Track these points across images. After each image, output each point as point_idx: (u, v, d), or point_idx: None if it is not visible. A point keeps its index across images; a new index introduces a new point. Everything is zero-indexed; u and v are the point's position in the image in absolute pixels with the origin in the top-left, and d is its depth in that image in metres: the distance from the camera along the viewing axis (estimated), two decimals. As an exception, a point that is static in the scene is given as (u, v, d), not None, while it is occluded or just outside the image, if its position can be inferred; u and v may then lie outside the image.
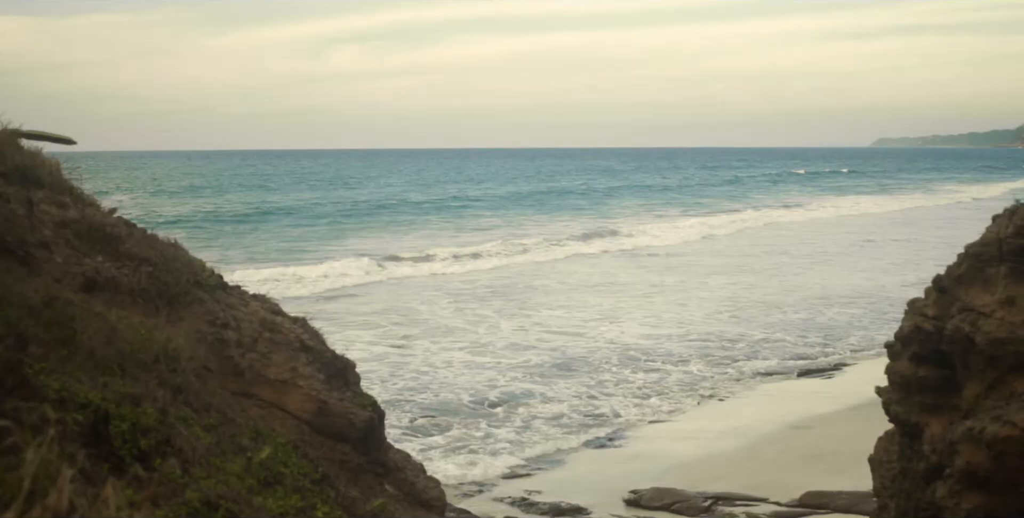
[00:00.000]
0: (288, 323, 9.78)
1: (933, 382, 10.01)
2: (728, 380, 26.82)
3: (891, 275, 45.10)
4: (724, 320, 35.08)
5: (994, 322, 8.72)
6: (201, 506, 4.62)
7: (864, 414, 19.08)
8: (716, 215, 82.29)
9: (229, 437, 6.69)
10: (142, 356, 7.05)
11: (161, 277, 8.71)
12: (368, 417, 9.48)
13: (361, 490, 8.14)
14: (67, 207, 9.07)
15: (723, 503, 17.80)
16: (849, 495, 17.37)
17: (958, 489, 8.61)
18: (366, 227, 71.76)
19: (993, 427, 8.20)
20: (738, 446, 20.92)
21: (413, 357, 29.02)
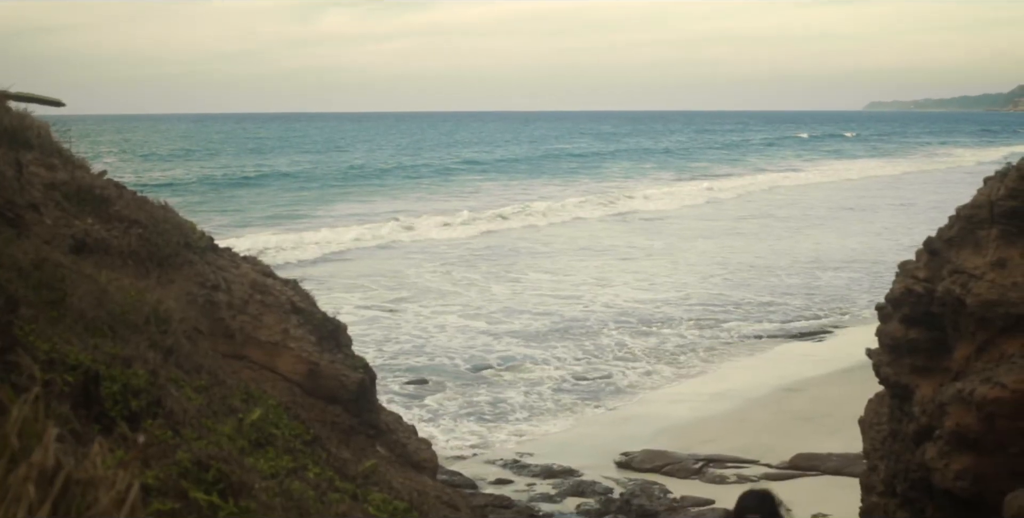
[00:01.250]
0: (279, 285, 9.77)
1: (924, 344, 10.03)
2: (720, 343, 26.88)
3: (884, 239, 45.13)
4: (717, 284, 35.14)
5: (985, 284, 8.73)
6: (192, 466, 4.61)
7: (855, 377, 19.14)
8: (717, 179, 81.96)
9: (220, 399, 6.68)
10: (132, 318, 7.03)
11: (151, 239, 8.68)
12: (359, 379, 9.48)
13: (352, 451, 8.15)
14: (56, 169, 9.03)
15: (714, 465, 17.89)
16: (839, 457, 17.46)
17: (948, 450, 8.64)
18: (355, 192, 71.47)
19: (983, 389, 8.22)
20: (729, 409, 21.01)
21: (405, 321, 29.05)
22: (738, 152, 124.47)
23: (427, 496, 7.65)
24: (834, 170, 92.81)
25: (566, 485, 17.11)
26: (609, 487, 17.08)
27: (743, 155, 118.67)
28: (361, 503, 5.83)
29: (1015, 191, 8.87)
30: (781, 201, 66.38)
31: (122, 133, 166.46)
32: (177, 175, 78.56)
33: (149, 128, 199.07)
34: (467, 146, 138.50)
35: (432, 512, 6.68)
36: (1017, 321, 8.55)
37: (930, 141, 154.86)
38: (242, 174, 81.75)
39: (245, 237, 42.08)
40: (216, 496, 4.40)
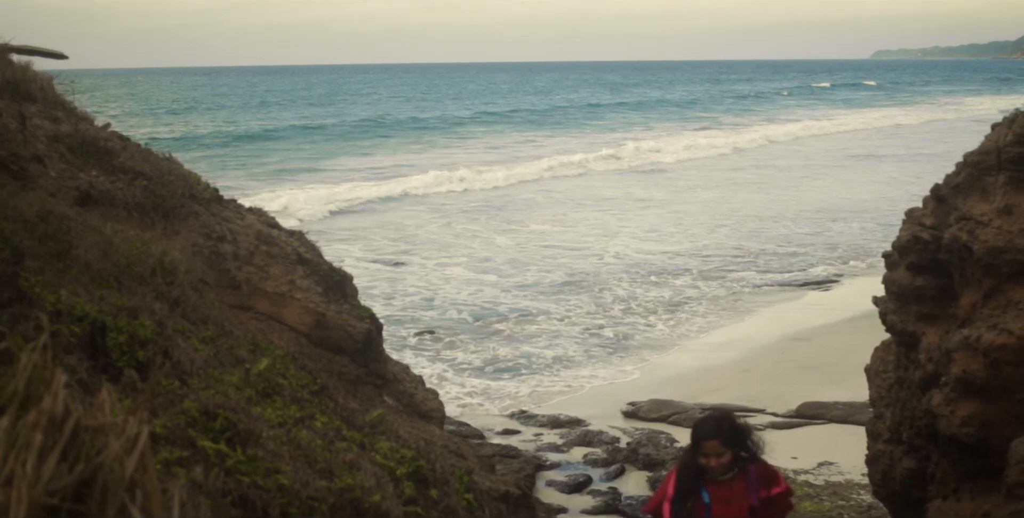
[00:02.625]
0: (284, 236, 9.77)
1: (930, 291, 10.01)
2: (728, 293, 26.89)
3: (894, 188, 44.99)
4: (725, 234, 35.13)
5: (992, 231, 8.69)
6: (199, 415, 4.63)
7: (862, 326, 19.18)
8: (733, 130, 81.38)
9: (227, 349, 6.70)
10: (138, 269, 7.04)
11: (156, 191, 8.67)
12: (366, 329, 9.50)
13: (360, 401, 8.18)
14: (60, 121, 9.01)
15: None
16: (845, 406, 17.51)
17: (954, 397, 8.65)
18: (357, 145, 71.23)
19: (989, 335, 8.21)
20: (735, 358, 21.05)
21: (411, 274, 29.08)
22: (754, 102, 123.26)
23: (434, 445, 7.68)
24: (864, 119, 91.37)
25: (573, 435, 17.19)
26: (616, 437, 17.15)
27: (758, 104, 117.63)
28: (368, 452, 5.85)
29: (1023, 137, 8.82)
30: (798, 151, 66.02)
31: (127, 87, 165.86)
32: (174, 131, 78.22)
33: (152, 82, 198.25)
34: (474, 97, 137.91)
35: (439, 461, 6.71)
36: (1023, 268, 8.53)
37: (947, 89, 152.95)
38: (246, 130, 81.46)
39: (249, 192, 42.05)
40: (224, 444, 4.42)
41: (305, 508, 4.44)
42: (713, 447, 6.84)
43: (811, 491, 14.83)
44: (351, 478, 4.98)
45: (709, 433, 6.91)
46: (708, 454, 6.84)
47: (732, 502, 6.92)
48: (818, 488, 14.96)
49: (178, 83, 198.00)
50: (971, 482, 8.97)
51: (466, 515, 6.33)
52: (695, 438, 7.02)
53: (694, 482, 6.93)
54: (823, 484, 15.12)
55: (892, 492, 11.37)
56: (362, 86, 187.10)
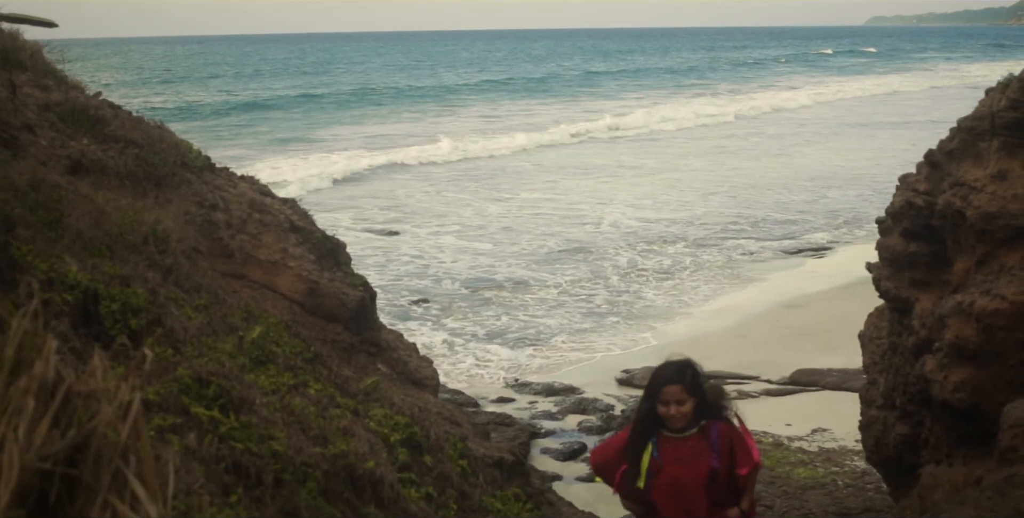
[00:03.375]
0: (277, 204, 9.74)
1: (923, 257, 10.02)
2: (722, 260, 26.89)
3: (891, 155, 44.93)
4: (719, 201, 35.12)
5: (985, 196, 8.69)
6: (192, 383, 4.63)
7: (856, 293, 19.19)
8: (732, 98, 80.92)
9: (220, 317, 6.69)
10: (131, 238, 7.02)
11: (148, 159, 8.63)
12: (359, 297, 9.50)
13: (354, 369, 8.19)
14: (50, 90, 8.96)
15: (715, 381, 17.98)
16: (839, 372, 17.57)
17: (947, 362, 8.67)
18: (350, 115, 70.90)
19: (982, 301, 8.23)
20: (730, 325, 21.08)
21: (404, 242, 29.07)
22: (751, 69, 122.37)
23: (428, 412, 7.69)
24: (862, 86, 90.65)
25: (567, 403, 17.24)
26: (610, 404, 17.20)
27: (754, 72, 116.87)
28: (362, 418, 5.86)
29: (1016, 102, 8.80)
30: (793, 119, 65.79)
31: (120, 56, 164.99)
32: (167, 101, 77.76)
33: (145, 51, 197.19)
34: (468, 65, 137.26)
35: (433, 427, 6.72)
36: (1017, 233, 8.53)
37: (944, 56, 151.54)
38: (241, 99, 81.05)
39: (244, 162, 41.85)
40: (217, 411, 4.43)
41: (299, 474, 4.45)
42: (674, 393, 6.18)
43: (805, 457, 14.90)
44: (345, 445, 4.98)
45: (670, 377, 6.24)
46: (668, 401, 6.17)
47: (684, 462, 6.24)
48: (812, 454, 15.03)
49: (171, 52, 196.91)
50: (964, 447, 9.01)
51: (460, 481, 6.34)
52: (654, 383, 6.36)
53: (649, 435, 6.32)
54: (817, 450, 15.19)
55: (885, 458, 11.43)
56: (355, 54, 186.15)
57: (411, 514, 5.13)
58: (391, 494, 4.97)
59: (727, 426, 6.40)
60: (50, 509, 2.20)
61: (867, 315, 12.78)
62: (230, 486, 4.02)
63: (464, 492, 6.27)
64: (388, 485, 4.98)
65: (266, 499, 4.15)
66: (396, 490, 5.06)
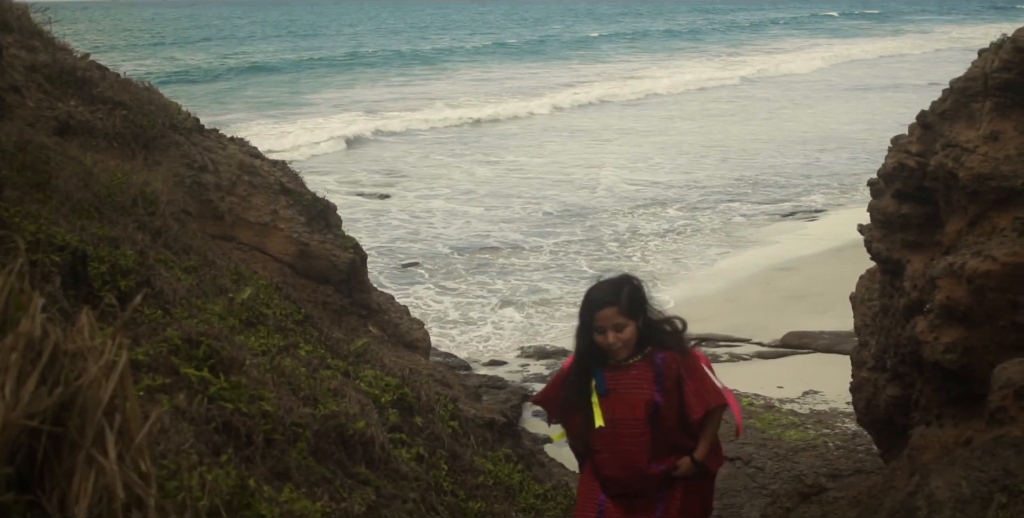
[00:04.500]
0: (267, 166, 9.70)
1: (915, 219, 10.00)
2: (717, 223, 26.87)
3: (888, 118, 44.84)
4: (711, 165, 35.05)
5: (977, 158, 8.66)
6: (182, 343, 4.62)
7: (847, 256, 19.18)
8: (726, 61, 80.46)
9: (210, 279, 6.68)
10: (119, 200, 6.99)
11: (136, 120, 8.58)
12: (350, 259, 9.48)
13: (344, 331, 8.19)
14: (37, 51, 8.89)
15: (706, 344, 18.01)
16: (831, 335, 17.59)
17: (938, 324, 8.67)
18: (340, 79, 70.48)
19: (974, 262, 8.21)
20: (721, 288, 21.09)
21: (393, 205, 29.00)
22: (746, 32, 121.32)
23: (419, 374, 7.70)
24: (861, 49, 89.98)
25: (559, 365, 17.21)
26: (603, 366, 17.21)
27: (749, 35, 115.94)
28: (352, 379, 5.86)
29: (1009, 63, 8.75)
30: (788, 82, 65.53)
31: (110, 20, 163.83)
32: (157, 65, 77.21)
33: (135, 15, 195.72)
34: (459, 28, 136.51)
35: (424, 389, 6.72)
36: (1009, 194, 8.50)
37: (944, 19, 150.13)
38: (235, 63, 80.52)
39: (230, 127, 41.52)
40: (207, 371, 4.42)
41: (289, 434, 4.45)
42: (609, 317, 5.16)
43: (796, 420, 14.94)
44: (335, 405, 4.98)
45: (603, 299, 5.20)
46: (604, 328, 5.18)
47: (621, 394, 5.31)
48: (803, 417, 15.07)
49: (161, 15, 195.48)
50: (954, 408, 9.02)
51: (451, 442, 6.36)
52: (585, 309, 5.29)
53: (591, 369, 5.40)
54: (808, 413, 15.23)
55: (876, 419, 11.45)
56: (347, 17, 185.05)
57: (402, 474, 5.13)
58: (382, 454, 4.97)
59: (678, 356, 5.35)
60: (38, 466, 2.19)
61: (858, 277, 12.78)
62: (220, 446, 4.01)
63: (455, 452, 6.29)
64: (379, 445, 4.98)
65: (256, 459, 4.15)
66: (387, 450, 5.07)
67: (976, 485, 6.10)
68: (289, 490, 3.82)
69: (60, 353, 2.31)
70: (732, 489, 13.38)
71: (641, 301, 5.37)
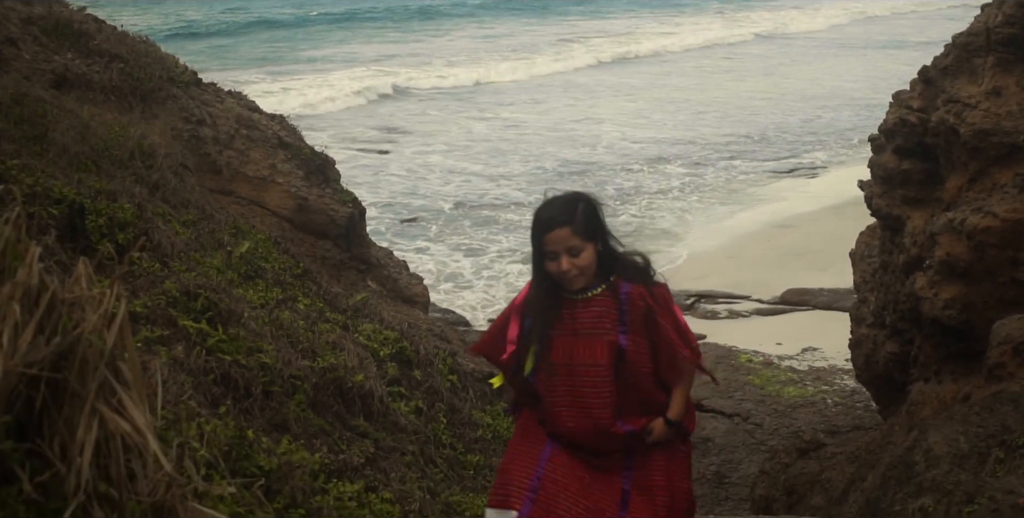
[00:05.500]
0: (265, 120, 9.66)
1: (916, 175, 9.97)
2: (718, 180, 26.80)
3: (882, 77, 44.63)
4: (710, 122, 34.90)
5: (979, 113, 8.61)
6: (180, 296, 4.61)
7: (847, 213, 19.17)
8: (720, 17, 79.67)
9: (208, 233, 6.66)
10: (117, 153, 6.96)
11: (133, 74, 8.53)
12: (349, 213, 9.45)
13: (343, 286, 8.18)
14: (33, 3, 8.82)
15: (705, 301, 18.03)
16: (830, 292, 17.60)
17: (937, 280, 8.66)
18: (334, 35, 69.87)
19: (974, 218, 8.19)
20: (721, 245, 21.07)
21: (392, 161, 28.90)
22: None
23: (418, 328, 7.69)
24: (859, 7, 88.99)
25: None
26: (602, 323, 17.21)
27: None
28: (351, 333, 5.86)
29: (1012, 18, 8.68)
30: (786, 40, 65.07)
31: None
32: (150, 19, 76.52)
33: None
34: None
35: (423, 343, 6.72)
36: (1010, 150, 8.47)
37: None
38: (226, 18, 79.87)
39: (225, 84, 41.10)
40: (205, 324, 4.41)
41: (288, 387, 4.45)
42: (561, 239, 4.18)
43: (795, 376, 14.98)
44: (334, 358, 4.98)
45: (553, 218, 4.22)
46: (556, 252, 4.20)
47: (580, 335, 4.31)
48: (802, 373, 15.11)
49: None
50: (953, 364, 9.03)
51: (450, 395, 6.36)
52: (534, 230, 4.29)
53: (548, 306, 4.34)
54: (807, 369, 15.27)
55: (875, 376, 11.47)
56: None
57: (401, 427, 5.14)
58: (380, 407, 4.98)
59: (644, 290, 4.40)
60: (37, 415, 2.18)
61: (858, 234, 12.77)
62: (219, 398, 4.02)
63: (454, 406, 6.29)
64: (377, 398, 4.99)
65: (255, 411, 4.15)
66: (386, 403, 5.07)
67: (974, 440, 6.12)
68: (287, 442, 3.82)
69: (58, 303, 2.30)
70: (731, 445, 13.45)
71: (599, 221, 4.35)
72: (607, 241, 4.39)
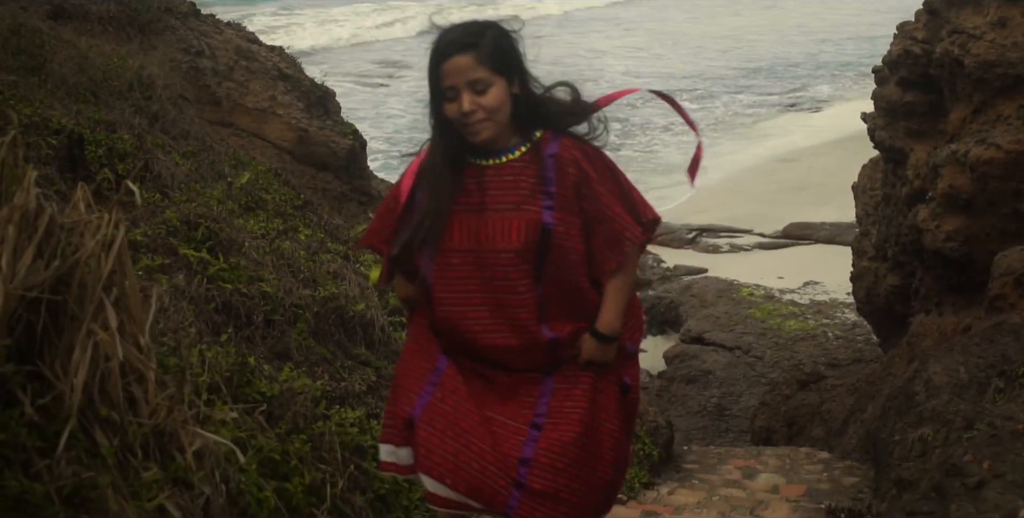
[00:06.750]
0: (264, 51, 9.59)
1: (920, 107, 9.91)
2: (723, 114, 26.67)
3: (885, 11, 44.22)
4: (712, 56, 34.66)
5: (984, 44, 8.53)
6: (181, 225, 4.61)
7: (849, 147, 19.10)
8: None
9: (208, 164, 6.64)
10: (115, 84, 6.92)
11: (131, 4, 8.46)
12: (349, 145, 9.41)
13: (344, 217, 8.17)
14: (28, -67, 8.72)
15: (707, 235, 18.04)
16: (832, 226, 17.59)
17: (939, 212, 8.63)
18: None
19: (977, 149, 8.15)
20: (723, 179, 21.01)
21: (391, 95, 28.76)
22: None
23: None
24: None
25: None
26: (602, 258, 17.22)
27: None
28: (352, 263, 5.85)
29: (1020, -53, 8.58)
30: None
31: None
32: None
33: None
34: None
35: (425, 274, 6.71)
36: (1015, 81, 8.40)
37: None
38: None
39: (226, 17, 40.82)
40: (206, 252, 4.41)
41: (289, 315, 4.46)
42: (461, 68, 3.00)
43: (796, 310, 15.03)
44: (335, 287, 4.99)
45: (453, 42, 3.02)
46: (455, 88, 3.01)
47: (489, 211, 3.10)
48: (803, 307, 15.15)
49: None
50: (954, 296, 9.04)
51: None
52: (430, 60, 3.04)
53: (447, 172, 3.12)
54: (808, 303, 15.31)
55: (876, 308, 11.50)
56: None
57: (402, 356, 5.16)
58: (382, 336, 4.99)
59: (577, 146, 3.23)
60: (38, 339, 2.19)
61: (860, 167, 12.74)
62: (220, 326, 4.02)
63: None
64: (379, 328, 4.99)
65: (257, 339, 4.16)
66: (387, 333, 5.08)
67: (974, 370, 6.14)
68: (289, 369, 3.84)
69: (56, 227, 2.29)
70: (731, 378, 13.52)
71: (515, 53, 3.17)
72: (526, 82, 3.18)
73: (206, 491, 2.45)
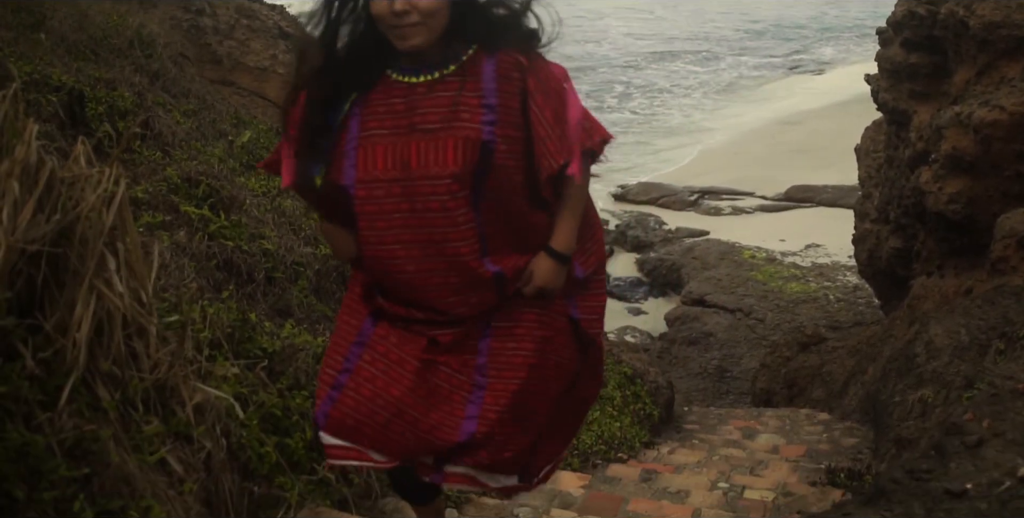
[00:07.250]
0: (265, 10, 9.53)
1: (924, 69, 9.87)
2: (728, 77, 26.58)
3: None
4: (714, 17, 34.49)
5: (989, 5, 8.49)
6: (182, 183, 4.59)
7: (852, 110, 19.05)
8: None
9: (209, 122, 6.62)
10: (115, 42, 6.89)
11: (131, -38, 8.40)
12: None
13: (347, 177, 8.14)
14: None
15: (709, 197, 18.01)
16: (834, 189, 17.57)
17: (942, 174, 8.61)
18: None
19: (981, 111, 8.11)
20: (725, 142, 20.99)
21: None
22: None
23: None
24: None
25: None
26: (604, 219, 17.24)
27: None
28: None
29: (1027, -93, 8.50)
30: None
31: None
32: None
33: None
34: None
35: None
36: (1019, 43, 8.36)
37: None
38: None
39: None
40: (207, 210, 4.40)
41: (290, 273, 4.45)
42: None
43: (798, 272, 15.03)
44: (336, 245, 4.98)
45: None
46: None
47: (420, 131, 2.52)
48: (805, 269, 15.15)
49: None
50: (955, 259, 9.04)
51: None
52: None
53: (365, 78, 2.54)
54: (810, 266, 15.31)
55: (877, 271, 11.50)
56: None
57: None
58: (383, 294, 4.98)
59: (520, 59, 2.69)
60: (38, 293, 2.18)
61: (863, 129, 12.70)
62: (221, 283, 4.02)
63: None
64: (380, 286, 4.98)
65: (258, 296, 4.16)
66: (388, 291, 5.07)
67: (975, 332, 6.14)
68: (291, 326, 3.83)
69: (57, 181, 2.28)
70: (732, 340, 13.54)
71: None
72: None
73: (207, 445, 2.45)
